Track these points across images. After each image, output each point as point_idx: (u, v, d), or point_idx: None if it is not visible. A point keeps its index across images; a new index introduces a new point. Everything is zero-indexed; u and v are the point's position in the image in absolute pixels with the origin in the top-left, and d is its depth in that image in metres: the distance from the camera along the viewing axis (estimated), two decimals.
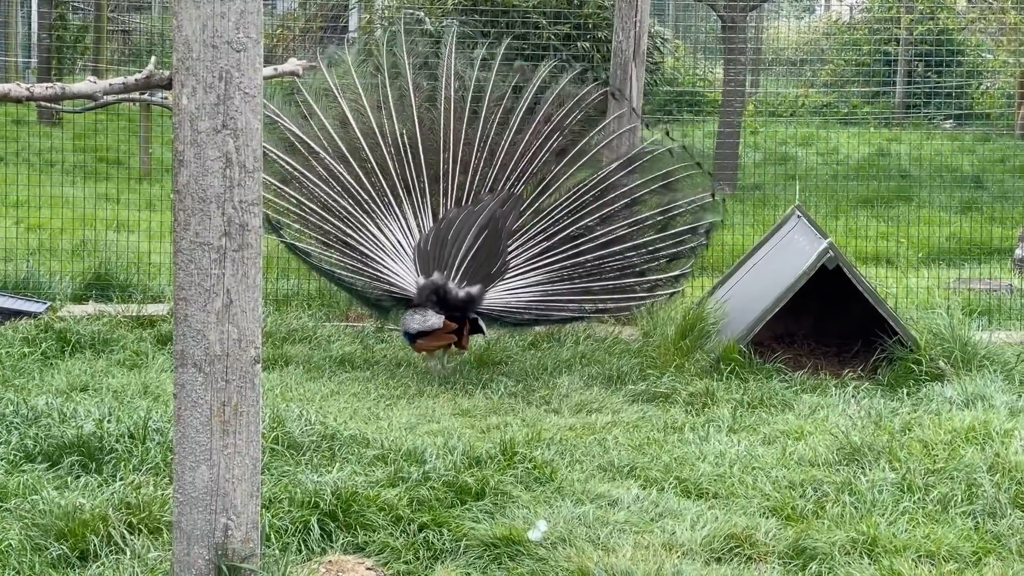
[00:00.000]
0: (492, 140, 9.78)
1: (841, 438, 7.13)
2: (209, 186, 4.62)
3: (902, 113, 21.78)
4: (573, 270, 9.64)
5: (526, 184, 9.81)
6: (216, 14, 4.56)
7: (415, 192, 9.63)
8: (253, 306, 4.74)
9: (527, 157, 9.79)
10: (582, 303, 9.73)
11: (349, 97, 9.86)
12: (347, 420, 7.67)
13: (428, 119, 9.87)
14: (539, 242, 9.61)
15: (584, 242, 9.70)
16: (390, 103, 9.80)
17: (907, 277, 12.02)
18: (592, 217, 9.78)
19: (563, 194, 9.82)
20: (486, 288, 9.32)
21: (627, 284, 9.86)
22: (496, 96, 9.93)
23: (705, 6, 18.71)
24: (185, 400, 4.72)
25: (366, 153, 9.66)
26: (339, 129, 9.72)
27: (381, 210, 9.54)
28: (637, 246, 9.84)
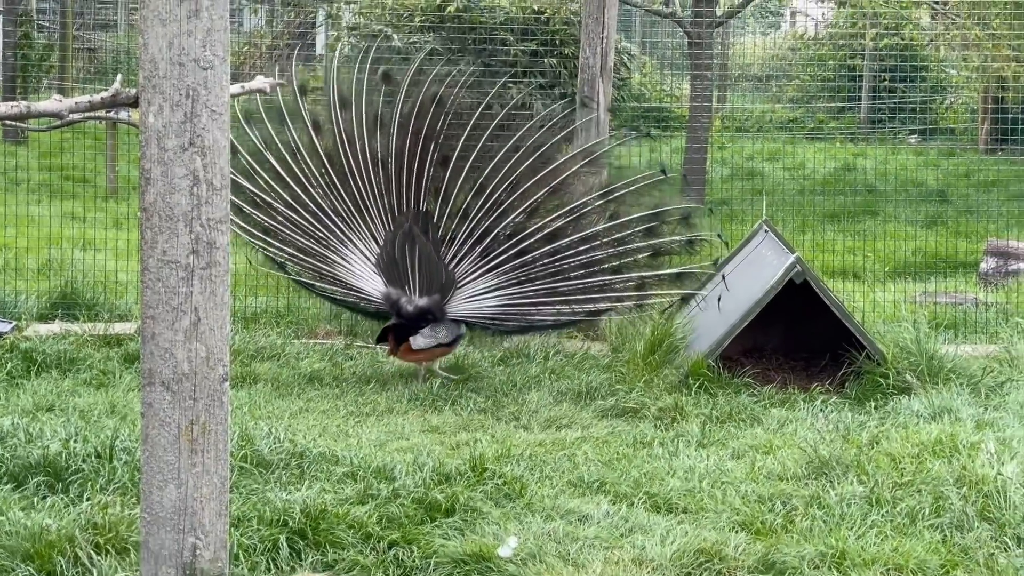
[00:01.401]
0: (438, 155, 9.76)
1: (810, 452, 7.15)
2: (176, 204, 4.61)
3: (867, 128, 21.89)
4: (528, 271, 9.52)
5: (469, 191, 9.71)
6: (182, 32, 4.56)
7: (377, 208, 9.66)
8: (221, 324, 4.72)
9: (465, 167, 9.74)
10: (558, 305, 9.61)
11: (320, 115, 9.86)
12: (316, 437, 7.65)
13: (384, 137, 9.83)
14: (483, 246, 9.57)
15: (523, 239, 9.54)
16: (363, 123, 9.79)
17: (874, 291, 12.07)
18: (517, 212, 9.61)
19: (495, 195, 9.67)
20: (444, 298, 9.44)
21: (603, 283, 9.64)
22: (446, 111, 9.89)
23: (671, 22, 18.77)
24: (153, 419, 4.70)
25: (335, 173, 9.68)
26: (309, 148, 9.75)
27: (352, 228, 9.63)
28: (587, 238, 9.57)
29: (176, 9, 4.54)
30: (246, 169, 9.69)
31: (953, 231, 14.85)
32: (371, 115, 9.78)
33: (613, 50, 10.84)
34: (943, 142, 21.50)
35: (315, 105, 9.95)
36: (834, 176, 18.07)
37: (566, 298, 9.60)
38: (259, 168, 9.71)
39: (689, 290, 9.84)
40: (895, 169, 17.54)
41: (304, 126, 9.80)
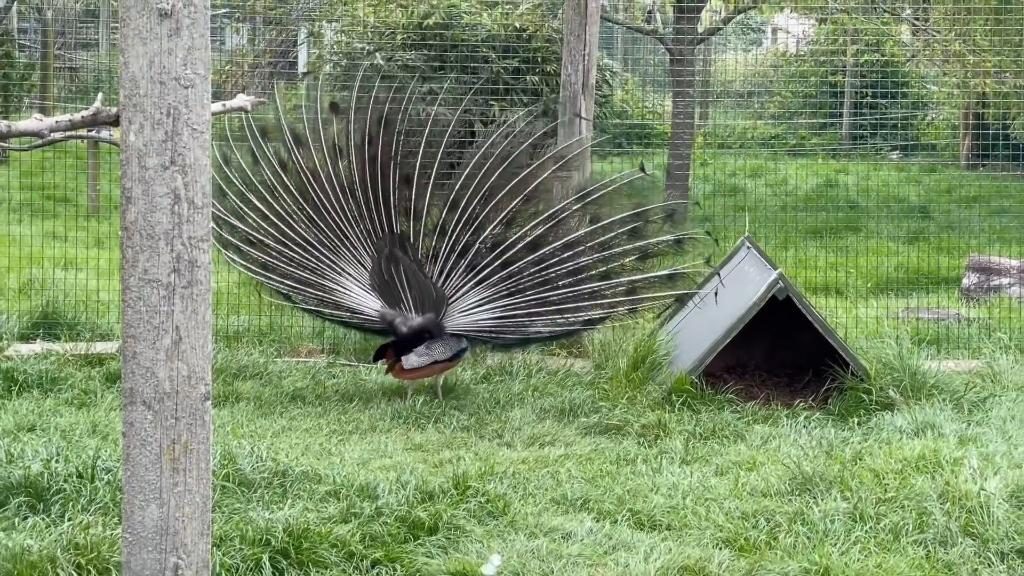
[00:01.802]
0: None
1: (793, 468, 7.15)
2: (157, 223, 4.59)
3: (849, 144, 21.95)
4: (515, 282, 9.51)
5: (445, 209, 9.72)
6: (163, 50, 4.55)
7: (356, 234, 9.68)
8: (203, 343, 4.70)
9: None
10: (551, 315, 9.57)
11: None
12: (299, 456, 7.63)
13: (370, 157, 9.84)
14: (467, 260, 9.56)
15: (504, 250, 9.52)
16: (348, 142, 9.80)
17: (856, 307, 12.09)
18: (494, 223, 9.59)
19: (469, 209, 9.64)
20: (439, 315, 9.46)
21: (593, 290, 9.60)
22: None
23: (653, 39, 18.81)
24: (134, 438, 4.67)
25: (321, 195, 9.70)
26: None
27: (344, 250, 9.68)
28: (570, 244, 9.54)
29: (157, 28, 4.53)
30: (235, 210, 9.79)
31: (935, 247, 14.89)
32: (329, 147, 9.79)
33: (595, 67, 10.85)
34: (925, 158, 21.57)
35: (277, 144, 9.95)
36: (816, 192, 18.12)
37: (558, 307, 9.56)
38: (247, 208, 9.77)
39: (683, 290, 9.77)
40: (877, 185, 17.59)
41: (272, 166, 9.83)
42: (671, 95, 18.26)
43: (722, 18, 18.80)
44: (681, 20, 17.40)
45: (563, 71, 10.77)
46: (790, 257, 13.79)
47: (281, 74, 21.27)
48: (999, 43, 14.32)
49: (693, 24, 17.32)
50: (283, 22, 18.15)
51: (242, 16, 17.64)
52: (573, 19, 10.70)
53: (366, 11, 15.38)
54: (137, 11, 4.54)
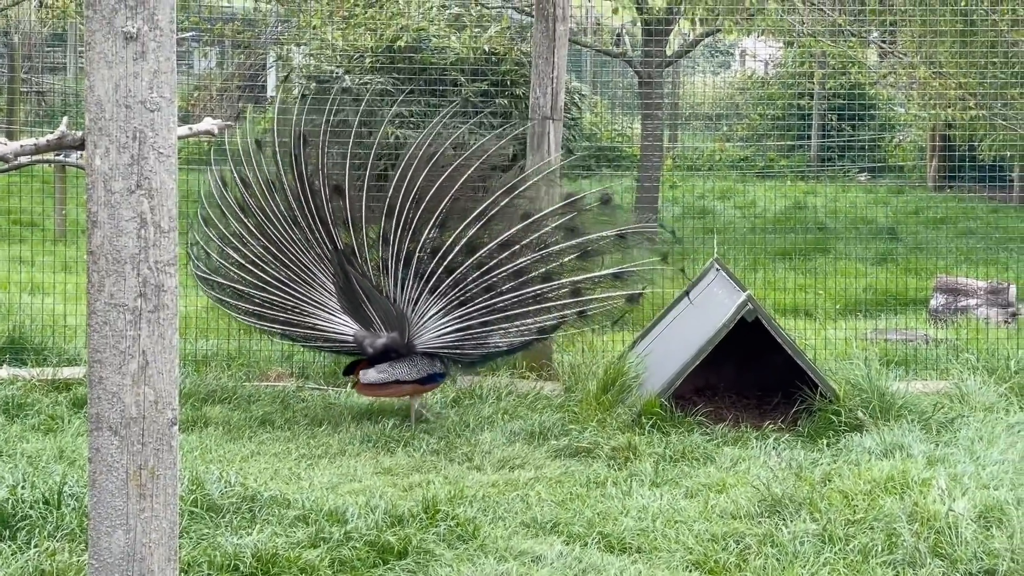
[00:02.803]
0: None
1: (762, 490, 7.16)
2: (124, 247, 4.57)
3: (817, 166, 22.03)
4: (463, 290, 9.45)
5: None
6: (129, 74, 4.53)
7: (314, 262, 9.69)
8: (170, 367, 4.68)
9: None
10: (503, 324, 9.48)
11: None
12: (267, 481, 7.60)
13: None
14: (413, 270, 9.54)
15: (444, 255, 9.47)
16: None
17: (825, 329, 12.12)
18: (428, 227, 9.53)
19: (403, 215, 9.60)
20: (404, 333, 9.46)
21: (537, 294, 9.48)
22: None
23: (622, 62, 18.86)
24: (100, 464, 4.64)
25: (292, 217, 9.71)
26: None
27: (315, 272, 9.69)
28: (505, 244, 9.45)
29: (122, 51, 4.52)
30: (217, 268, 9.85)
31: (903, 268, 14.95)
32: (266, 186, 9.77)
33: (564, 90, 10.87)
34: (892, 180, 21.67)
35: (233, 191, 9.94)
36: (785, 214, 18.17)
37: (507, 315, 9.49)
38: (226, 262, 9.83)
39: (633, 291, 9.66)
40: (845, 207, 17.66)
41: (236, 214, 9.84)
42: (640, 118, 18.32)
43: (690, 41, 18.86)
44: (650, 43, 17.46)
45: (532, 94, 10.79)
46: (759, 279, 13.82)
47: (250, 98, 21.24)
48: (965, 66, 14.40)
49: (662, 47, 17.38)
50: (251, 46, 18.14)
51: (210, 39, 17.62)
52: (542, 42, 10.72)
53: (335, 34, 15.37)
54: (103, 34, 4.52)
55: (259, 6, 16.34)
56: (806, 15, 16.07)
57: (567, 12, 10.83)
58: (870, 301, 13.53)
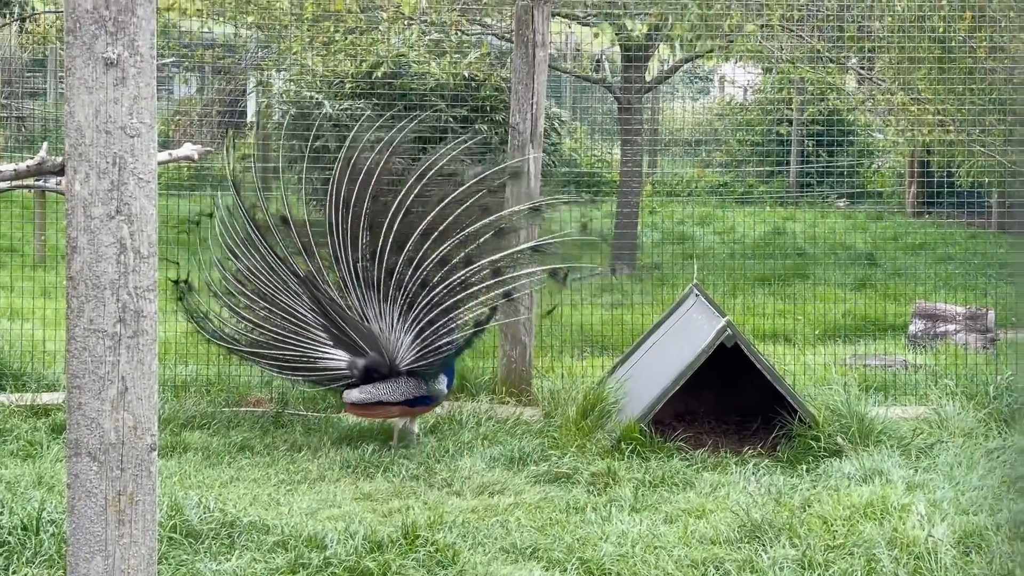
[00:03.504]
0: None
1: (742, 516, 7.16)
2: (103, 272, 4.57)
3: (796, 192, 22.10)
4: (404, 293, 9.51)
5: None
6: (109, 100, 4.54)
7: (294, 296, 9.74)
8: (149, 393, 4.67)
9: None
10: (442, 320, 9.51)
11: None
12: (247, 507, 7.58)
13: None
14: (364, 280, 9.60)
15: (380, 257, 9.53)
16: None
17: (804, 354, 12.15)
18: (360, 230, 9.59)
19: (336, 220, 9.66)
20: (384, 352, 9.51)
21: (463, 280, 9.54)
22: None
23: (602, 88, 18.92)
24: (79, 490, 4.63)
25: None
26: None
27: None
28: (426, 232, 9.52)
29: (102, 77, 4.52)
30: (217, 332, 9.91)
31: (882, 294, 14.99)
32: (242, 235, 9.81)
33: (543, 116, 10.90)
34: (871, 206, 21.75)
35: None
36: (764, 240, 18.22)
37: (444, 308, 9.53)
38: (241, 310, 9.89)
39: (556, 264, 9.68)
40: (824, 233, 17.71)
41: (234, 264, 9.90)
42: (619, 143, 18.37)
43: (670, 67, 18.93)
44: (629, 69, 17.52)
45: (511, 120, 10.81)
46: (738, 304, 13.85)
47: (230, 123, 21.23)
48: (943, 92, 14.48)
49: (641, 73, 17.44)
50: (232, 71, 18.15)
51: (191, 65, 17.62)
52: (521, 68, 10.75)
53: (315, 60, 15.39)
54: (83, 60, 4.53)
55: (239, 32, 16.34)
56: (785, 41, 16.15)
57: (547, 38, 10.86)
58: (849, 327, 13.57)
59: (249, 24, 15.00)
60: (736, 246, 17.57)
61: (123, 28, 4.53)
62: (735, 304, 13.69)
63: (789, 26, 15.31)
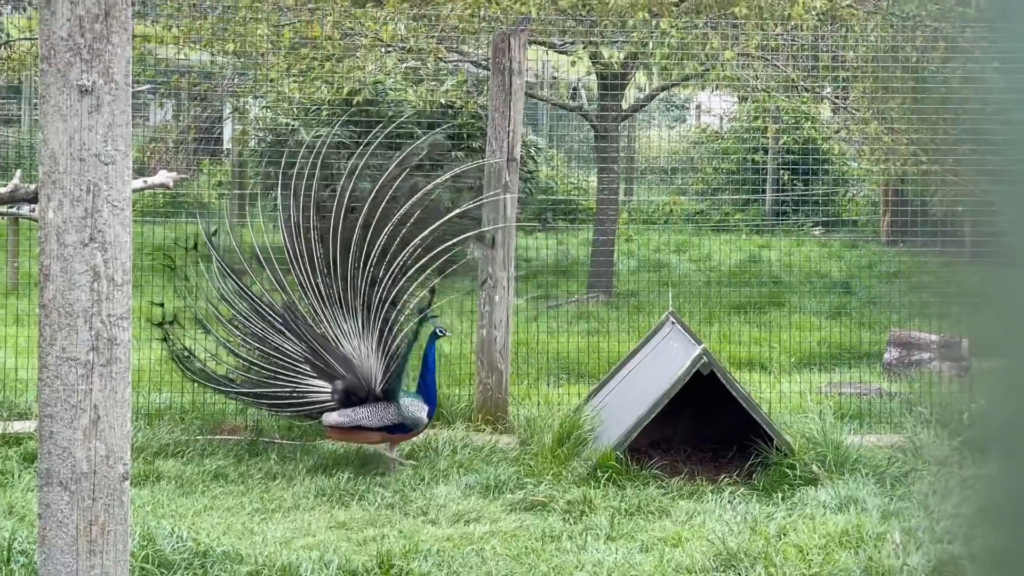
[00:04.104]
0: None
1: (718, 544, 7.15)
2: (76, 300, 4.55)
3: (772, 220, 22.17)
4: (360, 298, 9.64)
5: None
6: (83, 127, 4.52)
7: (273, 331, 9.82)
8: (122, 422, 4.65)
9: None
10: (394, 322, 9.64)
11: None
12: (220, 536, 7.53)
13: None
14: (311, 294, 9.72)
15: (332, 264, 9.66)
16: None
17: (780, 382, 12.16)
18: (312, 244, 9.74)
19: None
20: (359, 373, 9.59)
21: (403, 265, 9.66)
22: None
23: (578, 115, 18.96)
24: (50, 520, 4.60)
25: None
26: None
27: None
28: (365, 226, 9.68)
29: (77, 104, 4.51)
30: (204, 373, 9.96)
31: (857, 322, 15.02)
32: (230, 288, 9.90)
33: (520, 143, 10.91)
34: (846, 234, 21.82)
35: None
36: (740, 268, 18.25)
37: (393, 302, 9.65)
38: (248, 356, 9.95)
39: (481, 229, 10.17)
40: (800, 261, 17.76)
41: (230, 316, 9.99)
42: (596, 171, 18.41)
43: (646, 95, 18.99)
44: (606, 97, 17.56)
45: (488, 147, 10.82)
46: (714, 332, 13.86)
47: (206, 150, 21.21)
48: (916, 121, 14.55)
49: (618, 101, 17.48)
50: (208, 98, 18.14)
51: (167, 92, 17.60)
52: (498, 95, 10.77)
53: (291, 87, 15.39)
54: (57, 87, 4.52)
55: (216, 59, 16.33)
56: (761, 70, 16.21)
57: (523, 66, 10.88)
58: (824, 354, 13.59)
59: (226, 51, 14.99)
60: (712, 274, 17.60)
61: (98, 55, 4.52)
62: (711, 332, 13.70)
63: (765, 55, 15.38)
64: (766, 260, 18.72)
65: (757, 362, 13.38)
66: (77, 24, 4.50)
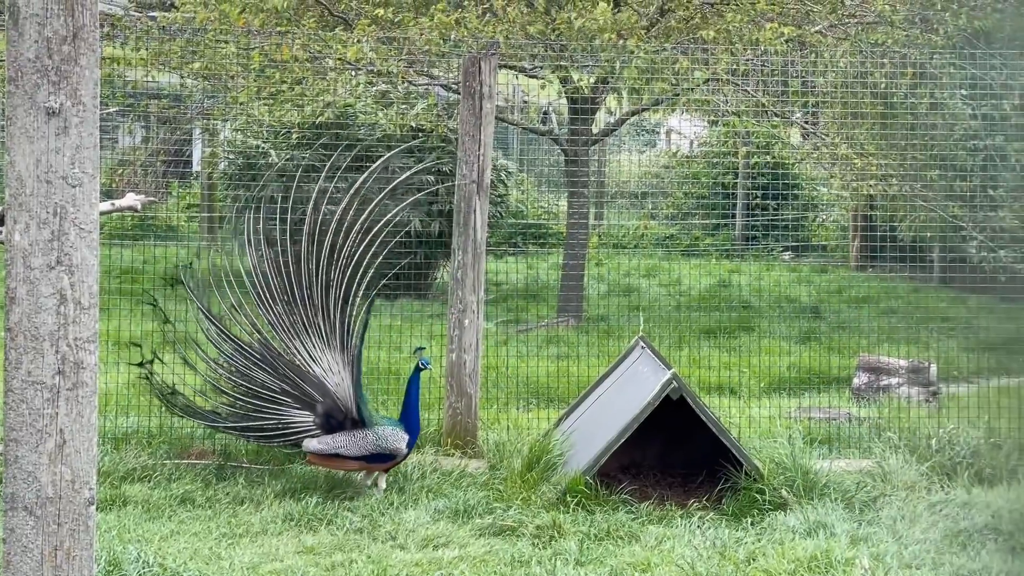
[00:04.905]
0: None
1: (687, 569, 7.14)
2: (42, 324, 4.52)
3: (742, 245, 22.24)
4: (318, 311, 9.70)
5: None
6: (50, 149, 4.50)
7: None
8: (88, 446, 4.61)
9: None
10: (353, 320, 9.73)
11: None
12: (187, 561, 7.48)
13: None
14: (291, 312, 9.76)
15: (290, 284, 9.76)
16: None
17: (750, 407, 12.17)
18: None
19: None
20: (336, 398, 9.60)
21: (355, 259, 9.77)
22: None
23: (548, 140, 19.00)
24: (15, 545, 4.56)
25: None
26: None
27: None
28: (310, 236, 9.81)
29: (44, 126, 4.49)
30: (191, 408, 9.96)
31: (826, 346, 15.06)
32: (212, 330, 9.93)
33: (490, 167, 10.91)
34: (816, 259, 21.90)
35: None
36: (710, 292, 18.28)
37: (349, 302, 9.70)
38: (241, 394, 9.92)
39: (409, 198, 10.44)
40: (769, 285, 17.81)
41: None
42: (566, 195, 18.43)
43: (617, 119, 19.04)
44: (576, 121, 17.60)
45: (458, 171, 10.82)
46: (684, 356, 13.87)
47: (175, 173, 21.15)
48: (885, 147, 14.62)
49: (588, 125, 17.52)
50: (177, 121, 18.10)
51: (135, 115, 17.56)
52: (468, 119, 10.77)
53: (260, 110, 15.37)
54: (24, 109, 4.50)
55: (185, 82, 16.30)
56: (731, 94, 16.27)
57: (494, 90, 10.89)
58: (794, 379, 13.61)
59: (195, 73, 14.96)
60: (682, 298, 17.63)
61: (66, 77, 4.50)
62: (681, 356, 13.71)
63: (735, 79, 15.44)
64: (736, 285, 18.76)
65: (727, 387, 13.40)
66: (45, 46, 4.48)
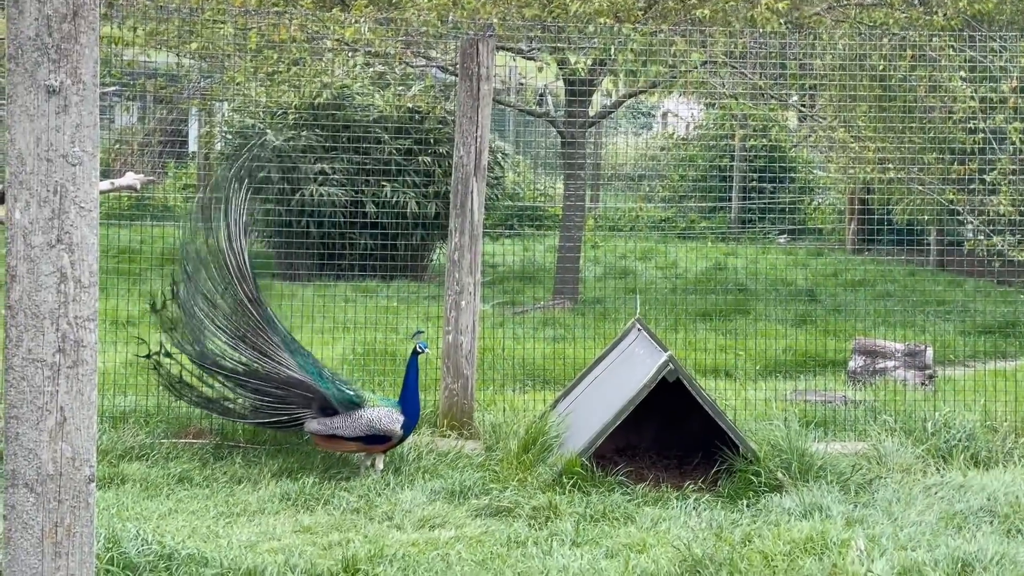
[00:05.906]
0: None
1: (683, 550, 7.17)
2: (43, 302, 4.53)
3: (738, 228, 22.25)
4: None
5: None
6: (51, 128, 4.51)
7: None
8: (88, 424, 4.63)
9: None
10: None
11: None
12: (185, 539, 7.50)
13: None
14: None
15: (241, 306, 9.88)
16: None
17: (745, 389, 12.20)
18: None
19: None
20: (315, 389, 9.67)
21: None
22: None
23: (545, 122, 18.99)
24: (15, 521, 4.58)
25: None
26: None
27: None
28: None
29: (44, 105, 4.50)
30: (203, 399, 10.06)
31: (822, 330, 15.09)
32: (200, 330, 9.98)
33: (487, 149, 10.92)
34: (811, 242, 21.92)
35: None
36: (706, 275, 18.31)
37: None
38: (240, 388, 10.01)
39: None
40: (765, 268, 17.83)
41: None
42: (563, 177, 18.44)
43: (613, 102, 19.03)
44: (573, 103, 17.60)
45: (455, 153, 10.82)
46: (680, 339, 13.89)
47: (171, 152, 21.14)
48: (882, 130, 14.63)
49: (584, 107, 17.52)
50: (174, 100, 18.09)
51: (133, 94, 17.54)
52: (465, 101, 10.77)
53: (258, 91, 15.36)
54: (24, 87, 4.50)
55: (182, 61, 16.29)
56: (727, 77, 16.27)
57: (491, 71, 10.89)
58: (790, 362, 13.64)
59: (192, 53, 14.95)
60: (678, 281, 17.65)
61: (66, 55, 4.51)
62: (677, 339, 13.73)
63: (731, 62, 15.43)
64: (732, 268, 18.78)
65: (723, 369, 13.42)
66: (45, 24, 4.49)
